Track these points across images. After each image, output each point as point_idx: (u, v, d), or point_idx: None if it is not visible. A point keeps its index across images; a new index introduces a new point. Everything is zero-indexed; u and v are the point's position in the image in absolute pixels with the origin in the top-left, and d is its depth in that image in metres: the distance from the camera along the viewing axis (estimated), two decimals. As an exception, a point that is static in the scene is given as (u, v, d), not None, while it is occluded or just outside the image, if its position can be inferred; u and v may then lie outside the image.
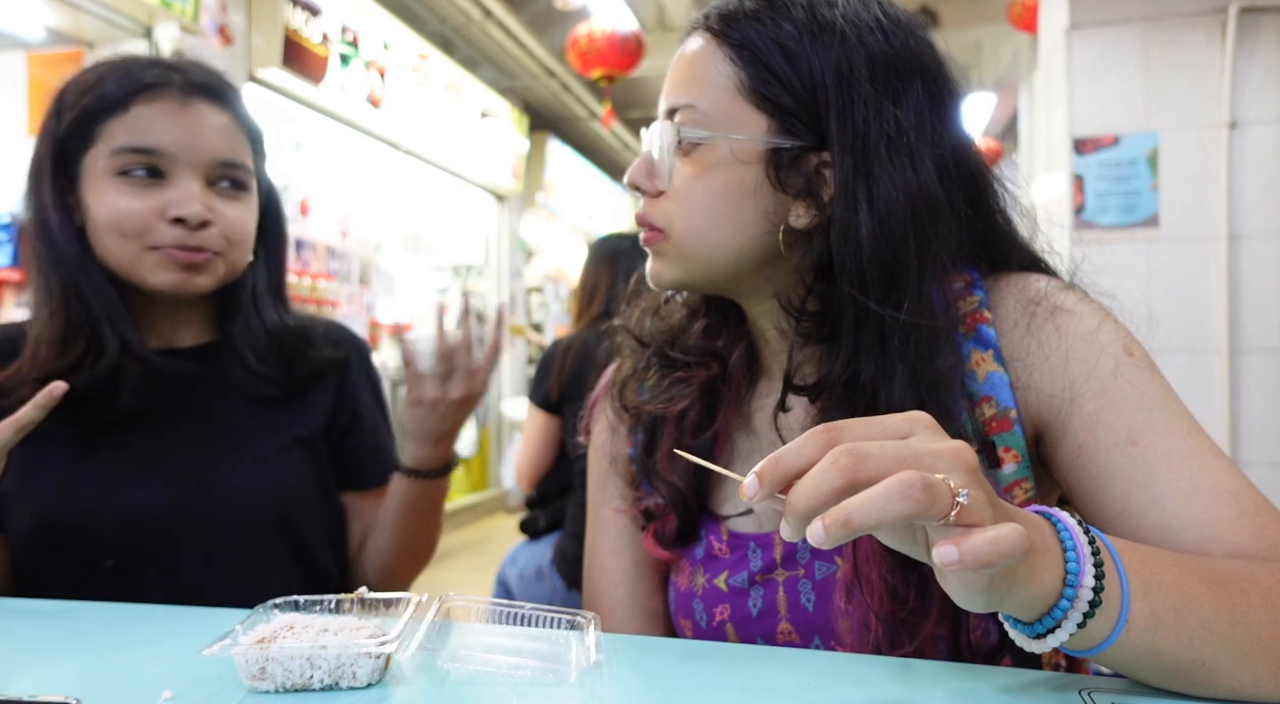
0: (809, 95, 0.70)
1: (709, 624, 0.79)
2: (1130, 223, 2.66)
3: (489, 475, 6.72)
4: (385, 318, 5.63)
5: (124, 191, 0.95)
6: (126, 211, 0.94)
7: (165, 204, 0.95)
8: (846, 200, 0.69)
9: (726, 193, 0.73)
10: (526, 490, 2.45)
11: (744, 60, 0.72)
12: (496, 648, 0.66)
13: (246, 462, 1.01)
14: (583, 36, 4.57)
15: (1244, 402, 2.58)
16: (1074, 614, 0.49)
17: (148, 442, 0.99)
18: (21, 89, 3.48)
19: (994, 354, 0.72)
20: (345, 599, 0.71)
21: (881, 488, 0.44)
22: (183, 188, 0.95)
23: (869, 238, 0.68)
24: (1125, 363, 0.69)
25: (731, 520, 0.80)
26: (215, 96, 0.99)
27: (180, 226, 0.95)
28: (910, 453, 0.46)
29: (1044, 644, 0.51)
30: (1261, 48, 2.56)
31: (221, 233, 0.98)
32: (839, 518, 0.44)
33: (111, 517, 0.95)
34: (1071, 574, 0.49)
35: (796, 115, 0.71)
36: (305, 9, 4.05)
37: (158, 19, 3.37)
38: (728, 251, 0.74)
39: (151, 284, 0.96)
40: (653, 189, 0.76)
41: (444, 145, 5.56)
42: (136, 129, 0.94)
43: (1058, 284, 0.75)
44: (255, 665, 0.59)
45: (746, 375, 0.83)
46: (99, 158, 0.95)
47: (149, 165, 0.95)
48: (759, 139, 0.71)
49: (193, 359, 1.04)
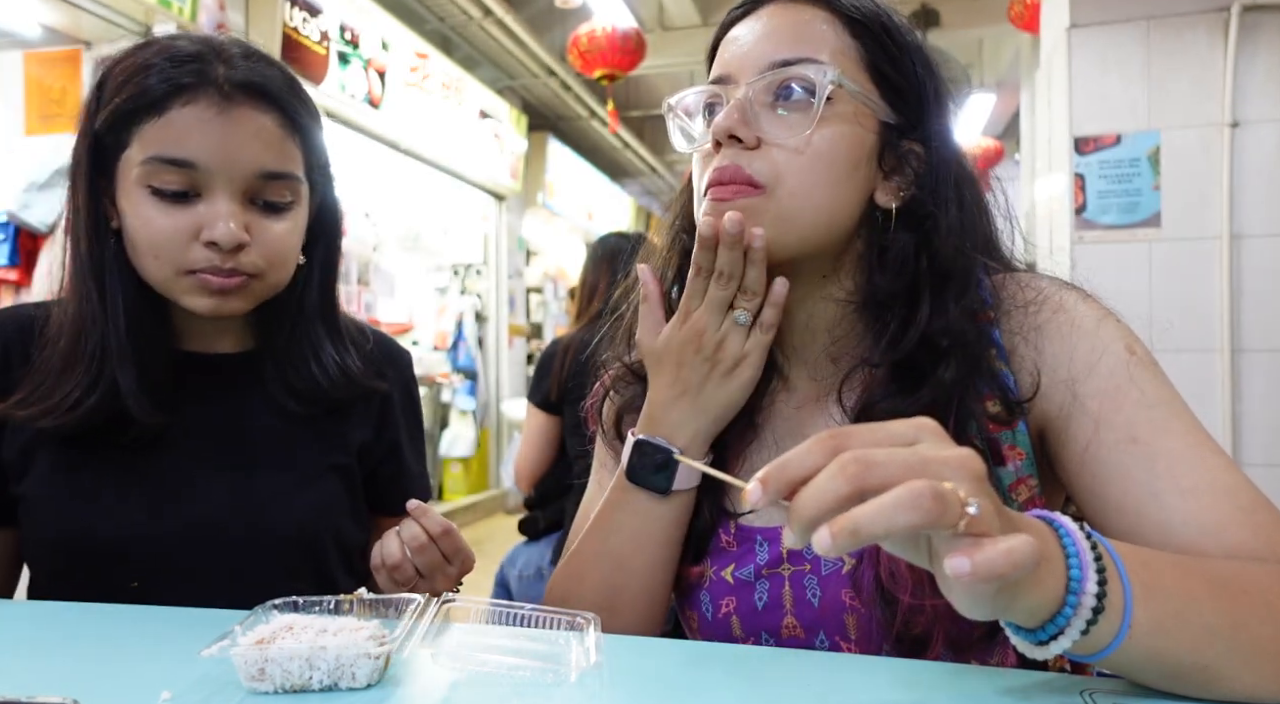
0: (913, 81, 0.76)
1: (714, 616, 0.79)
2: (1131, 222, 2.66)
3: (489, 475, 6.72)
4: (385, 318, 5.63)
5: (156, 208, 0.87)
6: (159, 231, 0.87)
7: (199, 223, 0.87)
8: (945, 185, 0.75)
9: (848, 155, 0.73)
10: (526, 491, 2.45)
11: (864, 35, 0.75)
12: (496, 648, 0.65)
13: (281, 484, 0.97)
14: (584, 36, 4.57)
15: (1245, 401, 2.58)
16: (1077, 621, 0.49)
17: (177, 457, 0.95)
18: (18, 88, 3.47)
19: (997, 353, 0.73)
20: (344, 600, 0.71)
21: (890, 497, 0.43)
22: (218, 206, 0.87)
23: (958, 223, 0.74)
24: (1127, 361, 0.69)
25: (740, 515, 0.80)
26: (261, 94, 0.89)
27: (214, 249, 0.87)
28: (918, 460, 0.45)
29: (1047, 651, 0.50)
30: (1264, 47, 2.56)
31: (260, 254, 0.90)
32: (846, 526, 0.43)
33: (137, 537, 0.91)
34: (1075, 581, 0.49)
35: (904, 97, 0.76)
36: (304, 8, 4.04)
37: (155, 17, 3.37)
38: (832, 217, 0.73)
39: (185, 305, 0.90)
40: (752, 139, 0.72)
41: (443, 145, 5.56)
42: (169, 137, 0.86)
43: (1059, 283, 0.76)
44: (254, 666, 0.59)
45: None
46: (133, 164, 0.87)
47: (181, 183, 0.87)
48: (884, 108, 0.75)
49: (231, 366, 1.00)
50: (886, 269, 0.74)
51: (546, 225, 7.90)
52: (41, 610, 0.83)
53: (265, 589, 0.94)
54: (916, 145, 0.76)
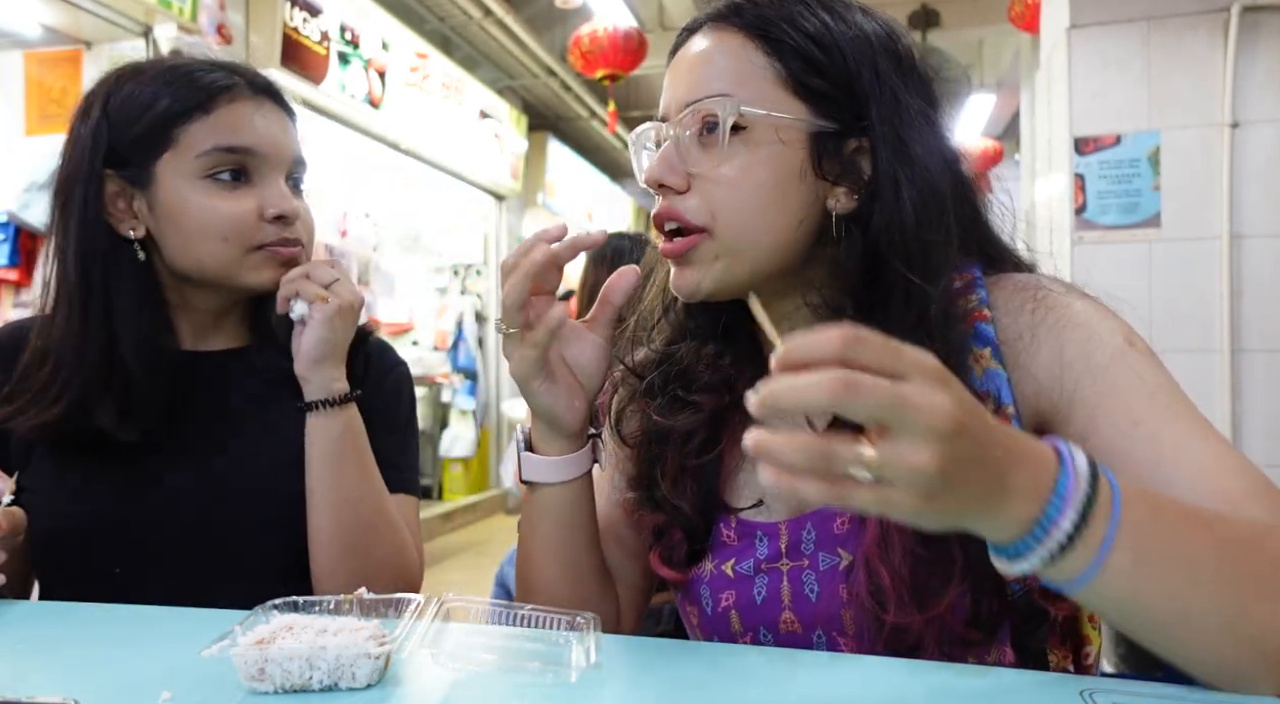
0: (846, 83, 0.73)
1: (714, 610, 0.80)
2: (1132, 223, 2.66)
3: (489, 476, 6.71)
4: (385, 318, 5.63)
5: (215, 194, 0.95)
6: (228, 214, 0.95)
7: (262, 203, 0.96)
8: (890, 181, 0.72)
9: (775, 177, 0.73)
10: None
11: (779, 52, 0.74)
12: (496, 648, 0.65)
13: (270, 472, 0.99)
14: (585, 36, 4.57)
15: (1245, 402, 2.58)
16: (1041, 551, 0.51)
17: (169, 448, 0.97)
18: (19, 88, 3.48)
19: (992, 351, 0.73)
20: (344, 600, 0.71)
21: (810, 380, 0.46)
22: (274, 186, 0.97)
23: (912, 216, 0.71)
24: (1125, 351, 0.70)
25: (742, 510, 0.81)
26: (276, 97, 1.01)
27: (279, 223, 0.97)
28: (895, 400, 0.46)
29: (1010, 568, 0.53)
30: (1264, 47, 2.56)
31: (303, 227, 1.01)
32: (767, 400, 0.47)
33: (121, 526, 0.94)
34: (1048, 518, 0.51)
35: (836, 102, 0.74)
36: (304, 8, 4.04)
37: (156, 18, 3.36)
38: (777, 239, 0.74)
39: (250, 283, 0.97)
40: (682, 184, 0.74)
41: (443, 145, 5.56)
42: (224, 129, 0.95)
43: (1057, 283, 0.76)
44: (254, 666, 0.59)
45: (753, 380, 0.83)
46: (182, 161, 0.94)
47: (238, 166, 0.95)
48: (806, 121, 0.73)
49: (223, 362, 1.03)
50: (849, 274, 0.74)
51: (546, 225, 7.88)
52: (41, 610, 0.84)
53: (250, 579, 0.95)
54: (865, 142, 0.74)
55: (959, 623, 0.69)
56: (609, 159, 8.81)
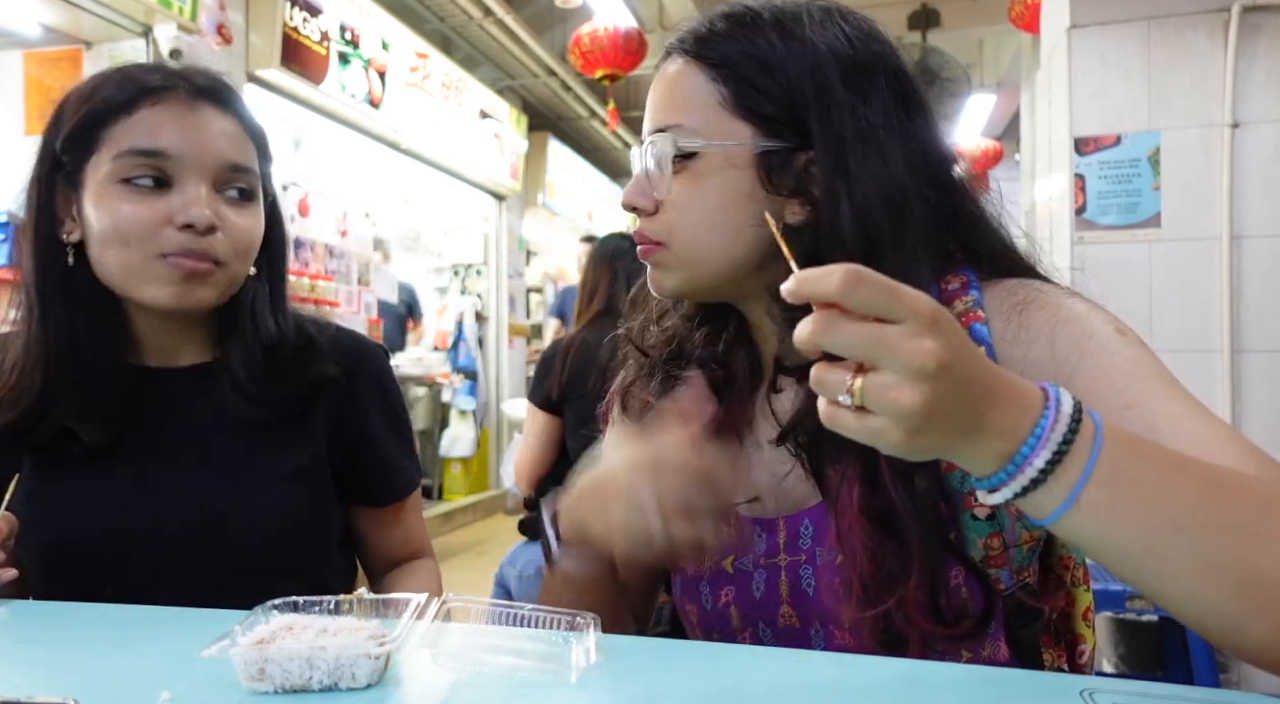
0: (789, 101, 0.75)
1: (713, 606, 0.81)
2: (1132, 223, 2.66)
3: (489, 476, 6.71)
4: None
5: (128, 198, 0.91)
6: (131, 217, 0.90)
7: (172, 210, 0.91)
8: (830, 195, 0.73)
9: (722, 199, 0.76)
10: (526, 491, 2.44)
11: (723, 77, 0.76)
12: (496, 648, 0.65)
13: (246, 492, 0.97)
14: (585, 36, 4.57)
15: (1245, 402, 2.57)
16: (1013, 484, 0.54)
17: (144, 469, 0.96)
18: (18, 88, 3.48)
19: (985, 351, 0.73)
20: (344, 600, 0.71)
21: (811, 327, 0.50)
22: (190, 192, 0.91)
23: (849, 229, 0.72)
24: (1115, 338, 0.70)
25: (739, 505, 0.81)
26: (221, 101, 0.96)
27: (188, 232, 0.91)
28: (873, 342, 0.49)
29: (987, 498, 0.56)
30: (1264, 47, 2.56)
31: (229, 241, 0.94)
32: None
33: (110, 544, 0.93)
34: (1021, 455, 0.53)
35: (780, 121, 0.75)
36: (304, 8, 4.04)
37: (156, 18, 3.36)
38: (725, 254, 0.77)
39: (149, 298, 0.92)
40: (650, 207, 0.79)
41: (443, 145, 5.56)
42: (141, 131, 0.91)
43: (1050, 284, 0.77)
44: (254, 666, 0.59)
45: (749, 377, 0.85)
46: (102, 163, 0.91)
47: (155, 171, 0.91)
48: (747, 144, 0.76)
49: (191, 379, 1.01)
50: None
51: (547, 225, 7.89)
52: (41, 610, 0.83)
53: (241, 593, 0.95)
54: (813, 155, 0.75)
55: (933, 609, 0.70)
56: (609, 159, 8.81)
